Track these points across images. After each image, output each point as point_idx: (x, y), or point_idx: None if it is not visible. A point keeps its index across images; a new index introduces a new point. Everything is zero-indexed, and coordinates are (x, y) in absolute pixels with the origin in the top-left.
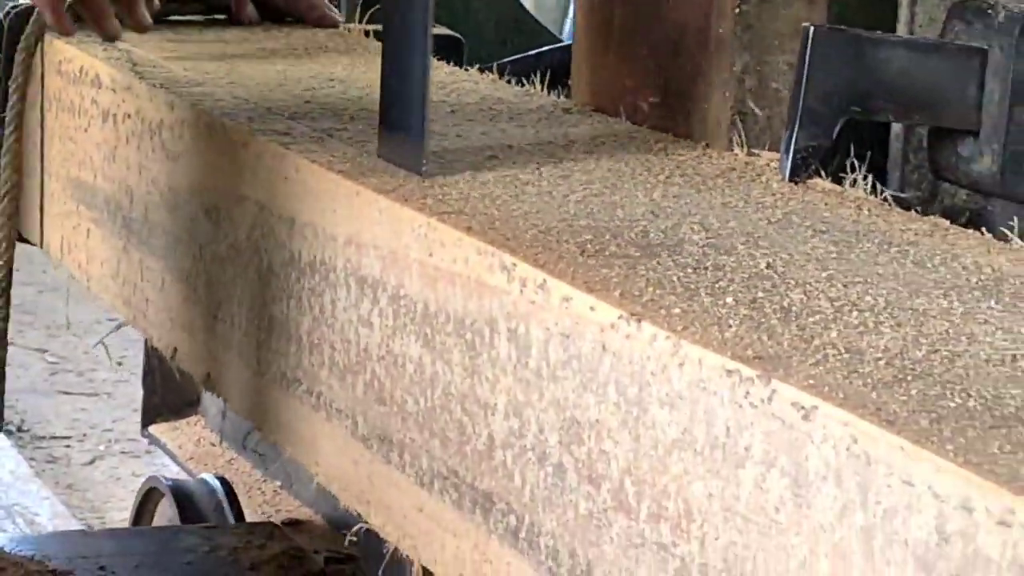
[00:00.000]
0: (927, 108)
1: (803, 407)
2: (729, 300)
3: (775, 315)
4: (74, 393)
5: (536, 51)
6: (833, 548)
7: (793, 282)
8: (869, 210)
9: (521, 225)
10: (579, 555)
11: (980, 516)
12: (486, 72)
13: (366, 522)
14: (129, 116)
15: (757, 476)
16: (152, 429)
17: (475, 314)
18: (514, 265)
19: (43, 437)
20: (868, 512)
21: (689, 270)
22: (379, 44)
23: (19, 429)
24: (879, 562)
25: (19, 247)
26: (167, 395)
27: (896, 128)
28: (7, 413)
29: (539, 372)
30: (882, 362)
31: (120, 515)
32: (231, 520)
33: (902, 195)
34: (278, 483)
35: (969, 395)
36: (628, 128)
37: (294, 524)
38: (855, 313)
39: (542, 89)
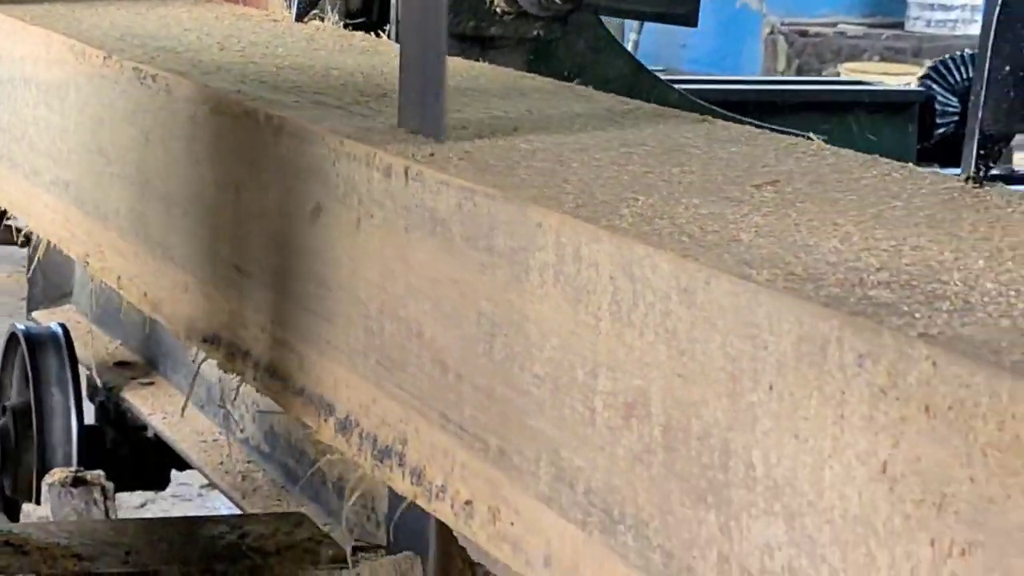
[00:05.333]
0: None
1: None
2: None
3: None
4: None
5: None
6: None
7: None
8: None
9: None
10: None
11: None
12: None
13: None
14: None
15: None
16: (35, 314)
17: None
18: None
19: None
20: None
21: None
22: None
23: None
24: None
25: None
26: (47, 288)
27: None
28: None
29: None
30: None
31: None
32: (65, 352)
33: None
34: (119, 341)
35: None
36: None
37: (125, 364)
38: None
39: None
